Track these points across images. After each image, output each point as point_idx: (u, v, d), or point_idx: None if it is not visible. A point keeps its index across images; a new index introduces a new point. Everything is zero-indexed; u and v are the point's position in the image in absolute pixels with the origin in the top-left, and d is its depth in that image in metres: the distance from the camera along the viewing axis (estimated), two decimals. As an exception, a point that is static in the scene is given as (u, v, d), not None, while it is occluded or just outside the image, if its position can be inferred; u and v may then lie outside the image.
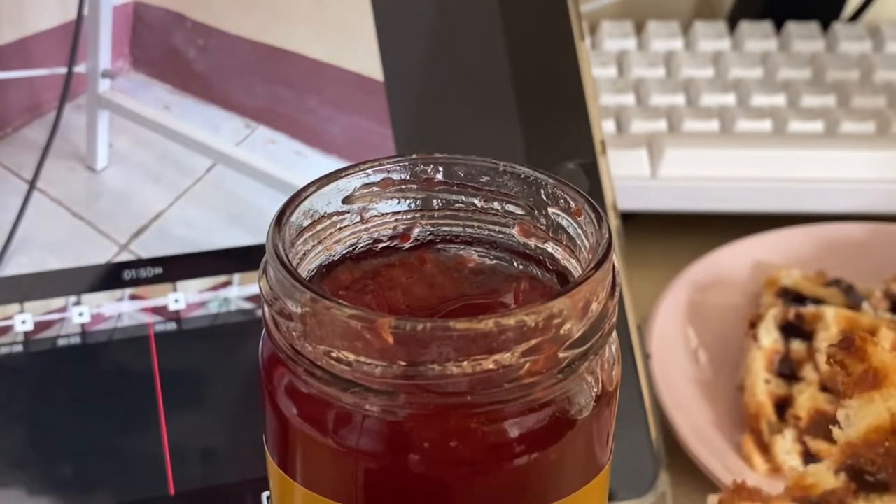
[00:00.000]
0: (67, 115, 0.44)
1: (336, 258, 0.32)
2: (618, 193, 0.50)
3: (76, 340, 0.42)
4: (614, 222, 0.48)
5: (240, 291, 0.44)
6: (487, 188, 0.32)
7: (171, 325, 0.43)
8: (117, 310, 0.43)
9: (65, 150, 0.44)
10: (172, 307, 0.44)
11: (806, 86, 0.70)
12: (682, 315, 0.59)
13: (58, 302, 0.43)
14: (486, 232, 0.32)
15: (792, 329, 0.56)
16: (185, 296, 0.44)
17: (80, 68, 0.45)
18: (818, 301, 0.58)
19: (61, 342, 0.42)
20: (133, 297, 0.43)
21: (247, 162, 0.46)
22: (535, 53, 0.48)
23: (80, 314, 0.43)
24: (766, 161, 0.66)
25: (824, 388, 0.54)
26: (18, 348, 0.42)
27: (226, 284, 0.44)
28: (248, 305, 0.44)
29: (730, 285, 0.61)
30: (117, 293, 0.43)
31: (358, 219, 0.32)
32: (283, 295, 0.28)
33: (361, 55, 0.47)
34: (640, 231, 0.63)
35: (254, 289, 0.44)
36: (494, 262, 0.32)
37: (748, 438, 0.52)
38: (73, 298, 0.43)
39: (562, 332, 0.27)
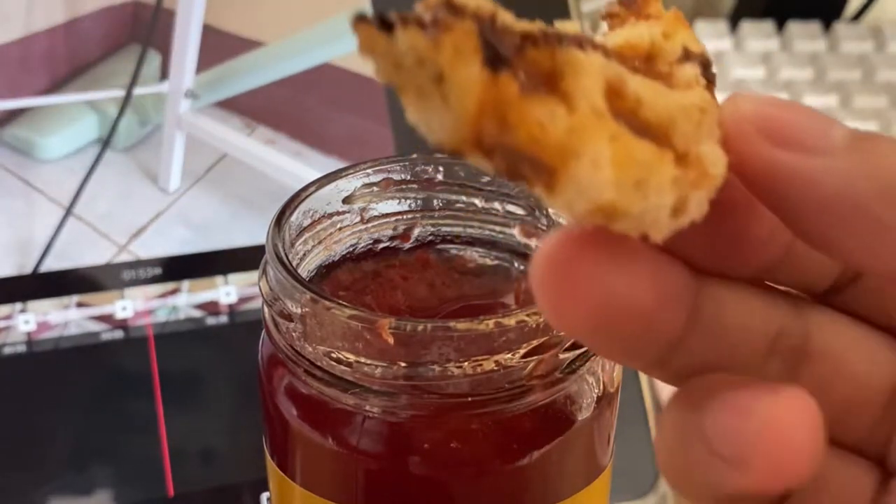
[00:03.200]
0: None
1: (336, 258, 0.32)
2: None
3: (22, 348, 0.42)
4: (615, 222, 0.48)
5: (189, 299, 0.44)
6: (488, 188, 0.32)
7: (119, 333, 0.43)
8: (64, 318, 0.42)
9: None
10: (119, 315, 0.43)
11: (807, 86, 0.70)
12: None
13: (4, 309, 0.42)
14: (487, 232, 0.32)
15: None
16: (133, 304, 0.43)
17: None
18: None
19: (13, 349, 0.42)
20: (80, 305, 0.43)
21: (247, 160, 0.46)
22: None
23: (27, 322, 0.42)
24: (767, 161, 0.65)
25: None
26: (21, 349, 0.42)
27: (174, 292, 0.44)
28: (197, 314, 0.44)
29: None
30: (64, 300, 0.43)
31: (358, 219, 0.32)
32: (283, 295, 0.27)
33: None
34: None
35: (203, 296, 0.44)
36: (495, 262, 0.32)
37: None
38: (18, 306, 0.42)
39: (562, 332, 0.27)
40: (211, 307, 0.44)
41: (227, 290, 0.44)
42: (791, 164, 0.20)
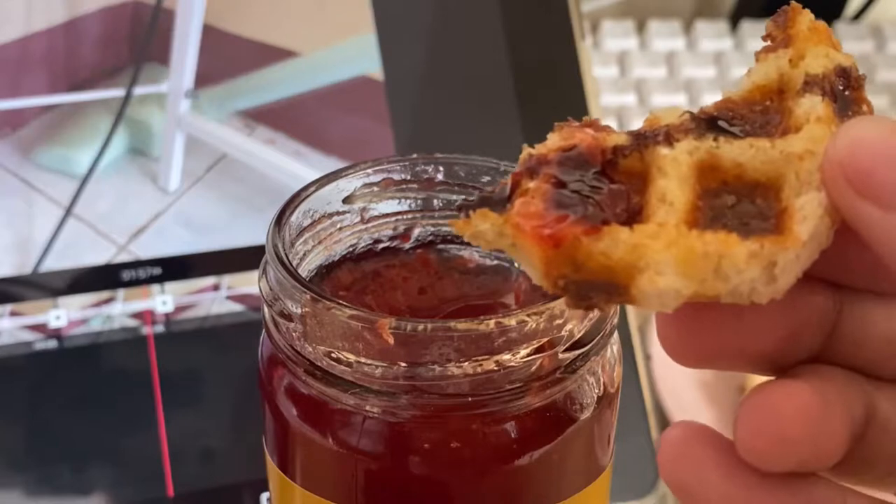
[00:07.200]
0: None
1: (336, 258, 0.31)
2: (619, 193, 0.49)
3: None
4: (615, 222, 0.48)
5: (123, 308, 0.43)
6: (488, 188, 0.32)
7: (52, 343, 0.42)
8: None
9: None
10: (53, 324, 0.43)
11: (807, 86, 0.70)
12: (684, 315, 0.58)
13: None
14: (487, 232, 0.32)
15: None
16: (67, 313, 0.43)
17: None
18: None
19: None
20: (13, 314, 0.42)
21: (247, 160, 0.46)
22: (535, 53, 0.48)
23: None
24: (767, 161, 0.65)
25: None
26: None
27: (109, 301, 0.43)
28: (132, 322, 0.43)
29: (731, 285, 0.61)
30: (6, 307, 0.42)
31: (358, 219, 0.32)
32: (283, 295, 0.27)
33: (361, 55, 0.47)
34: (641, 231, 0.63)
35: (139, 305, 0.43)
36: (495, 262, 0.32)
37: (750, 439, 0.52)
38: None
39: (563, 332, 0.27)
40: (145, 316, 0.43)
41: (164, 298, 0.44)
42: (869, 217, 0.20)
